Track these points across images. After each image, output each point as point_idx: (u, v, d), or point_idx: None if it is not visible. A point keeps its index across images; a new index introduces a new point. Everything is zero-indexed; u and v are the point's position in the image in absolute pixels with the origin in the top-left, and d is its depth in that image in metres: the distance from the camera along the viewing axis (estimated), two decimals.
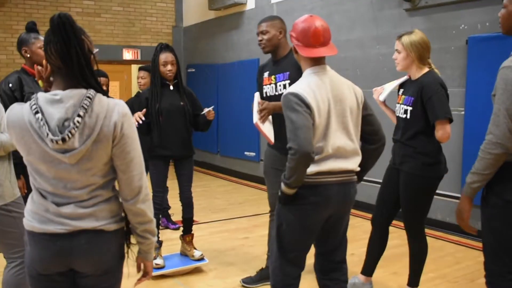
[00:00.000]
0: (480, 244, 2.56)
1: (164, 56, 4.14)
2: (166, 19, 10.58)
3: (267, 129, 3.55)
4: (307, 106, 2.48)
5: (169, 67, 4.14)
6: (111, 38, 9.95)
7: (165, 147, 4.17)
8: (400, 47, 3.35)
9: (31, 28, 3.62)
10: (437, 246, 5.00)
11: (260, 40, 3.71)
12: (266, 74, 3.78)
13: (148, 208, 1.97)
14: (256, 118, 3.48)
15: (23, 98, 3.46)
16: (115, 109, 1.85)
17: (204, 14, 9.79)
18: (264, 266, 4.03)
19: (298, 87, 2.56)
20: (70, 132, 1.77)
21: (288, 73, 3.60)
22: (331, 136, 2.55)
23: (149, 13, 10.35)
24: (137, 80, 5.64)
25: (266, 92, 3.73)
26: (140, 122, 3.92)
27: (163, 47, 4.20)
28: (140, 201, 1.94)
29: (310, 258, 2.84)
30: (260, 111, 3.45)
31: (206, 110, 4.15)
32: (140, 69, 5.63)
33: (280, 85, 3.64)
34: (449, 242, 5.18)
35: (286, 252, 2.71)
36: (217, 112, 9.22)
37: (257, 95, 3.59)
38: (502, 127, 2.25)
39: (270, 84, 3.73)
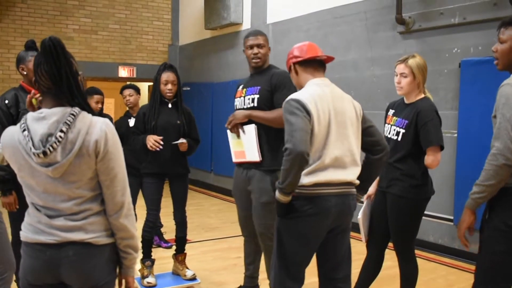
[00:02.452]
0: (472, 267, 2.55)
1: (166, 75, 4.19)
2: (162, 37, 10.66)
3: (248, 148, 3.56)
4: (307, 112, 2.52)
5: (169, 86, 4.19)
6: (107, 56, 10.00)
7: (159, 164, 4.19)
8: (407, 71, 3.25)
9: (30, 46, 3.63)
10: (429, 268, 4.99)
11: (256, 54, 3.59)
12: (240, 87, 3.79)
13: (130, 223, 2.01)
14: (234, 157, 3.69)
15: (18, 115, 3.48)
16: (97, 126, 1.91)
17: (200, 33, 9.86)
18: (242, 284, 3.99)
19: (300, 95, 2.60)
20: (51, 146, 1.84)
21: (259, 87, 3.58)
22: (330, 146, 2.57)
23: (146, 31, 10.43)
24: (124, 99, 5.41)
25: (236, 105, 3.74)
26: (160, 147, 4.02)
27: (167, 67, 4.25)
28: (123, 216, 1.98)
29: (313, 276, 2.80)
30: (229, 122, 3.53)
31: (179, 141, 4.15)
32: (125, 88, 5.43)
33: (248, 99, 3.61)
34: (441, 264, 5.18)
35: (287, 266, 2.68)
36: (211, 130, 9.30)
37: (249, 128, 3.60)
38: (503, 138, 2.30)
39: (240, 97, 3.73)
